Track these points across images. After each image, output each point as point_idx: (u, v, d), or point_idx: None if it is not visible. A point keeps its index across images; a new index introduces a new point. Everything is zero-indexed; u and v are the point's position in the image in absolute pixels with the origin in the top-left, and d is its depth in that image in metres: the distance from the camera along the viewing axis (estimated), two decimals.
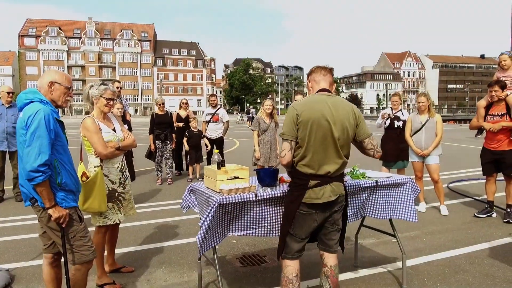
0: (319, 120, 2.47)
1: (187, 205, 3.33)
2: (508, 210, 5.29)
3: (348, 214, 3.15)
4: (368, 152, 2.75)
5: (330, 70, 2.75)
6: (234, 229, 2.87)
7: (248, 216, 2.85)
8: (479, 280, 3.50)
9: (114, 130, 3.52)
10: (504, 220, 5.22)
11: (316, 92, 2.65)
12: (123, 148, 3.52)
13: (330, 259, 2.68)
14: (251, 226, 2.86)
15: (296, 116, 2.48)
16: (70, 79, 2.77)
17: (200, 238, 2.63)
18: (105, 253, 3.70)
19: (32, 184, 2.41)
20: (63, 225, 2.56)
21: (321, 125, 2.47)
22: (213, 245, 2.77)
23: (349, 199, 3.17)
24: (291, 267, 2.59)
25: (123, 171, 3.60)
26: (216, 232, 2.77)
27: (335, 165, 2.54)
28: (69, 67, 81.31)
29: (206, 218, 2.65)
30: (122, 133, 3.58)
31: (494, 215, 5.48)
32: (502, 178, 5.46)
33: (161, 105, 8.16)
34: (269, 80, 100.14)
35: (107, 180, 3.40)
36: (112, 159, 3.45)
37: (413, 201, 3.37)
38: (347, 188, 3.09)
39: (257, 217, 2.85)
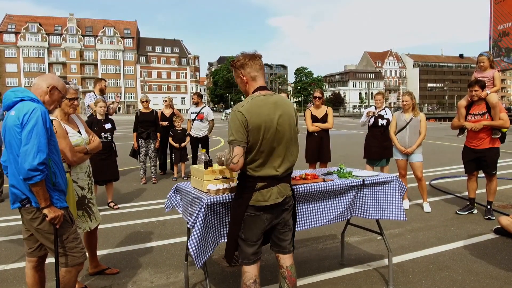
0: (268, 124, 2.38)
1: (171, 205, 3.27)
2: (489, 207, 5.41)
3: (336, 213, 3.16)
4: None
5: (261, 59, 2.55)
6: (225, 235, 2.78)
7: None
8: (462, 277, 3.57)
9: (79, 132, 3.37)
10: (485, 217, 5.33)
11: (254, 91, 2.50)
12: (90, 152, 3.39)
13: (286, 260, 2.64)
14: None
15: (246, 122, 2.34)
16: (66, 90, 2.80)
17: (194, 246, 2.55)
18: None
19: (30, 183, 2.36)
20: (57, 226, 2.51)
21: (271, 129, 2.39)
22: (208, 255, 2.67)
23: (336, 199, 3.19)
24: (248, 273, 2.52)
25: (90, 175, 3.48)
26: (209, 239, 2.69)
27: (283, 166, 2.48)
28: (50, 64, 79.68)
29: (195, 220, 2.61)
30: (87, 134, 3.44)
31: (475, 212, 5.60)
32: (483, 175, 5.58)
33: (145, 103, 8.05)
34: None
35: (76, 186, 3.26)
36: (80, 164, 3.32)
37: (401, 200, 3.39)
38: (336, 186, 3.12)
39: None
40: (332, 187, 3.09)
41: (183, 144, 8.46)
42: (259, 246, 2.55)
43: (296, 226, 3.03)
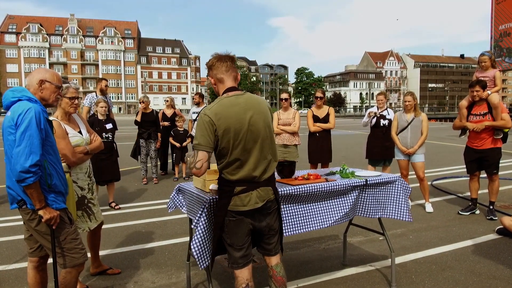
0: (239, 126, 2.31)
1: (174, 205, 3.26)
2: (491, 207, 5.39)
3: (340, 215, 3.13)
4: None
5: (232, 61, 2.47)
6: None
7: None
8: (465, 277, 3.56)
9: (80, 132, 3.34)
10: (487, 217, 5.32)
11: (223, 93, 2.43)
12: (91, 152, 3.36)
13: (271, 260, 2.62)
14: None
15: (213, 125, 2.27)
16: (60, 78, 2.70)
17: (197, 247, 2.53)
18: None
19: (23, 185, 2.32)
20: (54, 227, 2.49)
21: (242, 130, 2.32)
22: (211, 256, 2.66)
23: (340, 199, 3.17)
24: (240, 277, 2.50)
25: (91, 176, 3.46)
26: (211, 240, 2.68)
27: (261, 168, 2.41)
28: (51, 64, 79.64)
29: (198, 220, 2.61)
30: (88, 134, 3.41)
31: (478, 212, 5.58)
32: (485, 175, 5.56)
33: (144, 103, 8.04)
34: (254, 78, 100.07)
35: (76, 186, 3.24)
36: (80, 164, 3.30)
37: (406, 200, 3.35)
38: (339, 186, 3.10)
39: None
40: (335, 187, 3.08)
41: (184, 144, 8.46)
42: (247, 249, 2.50)
43: (299, 228, 3.02)
